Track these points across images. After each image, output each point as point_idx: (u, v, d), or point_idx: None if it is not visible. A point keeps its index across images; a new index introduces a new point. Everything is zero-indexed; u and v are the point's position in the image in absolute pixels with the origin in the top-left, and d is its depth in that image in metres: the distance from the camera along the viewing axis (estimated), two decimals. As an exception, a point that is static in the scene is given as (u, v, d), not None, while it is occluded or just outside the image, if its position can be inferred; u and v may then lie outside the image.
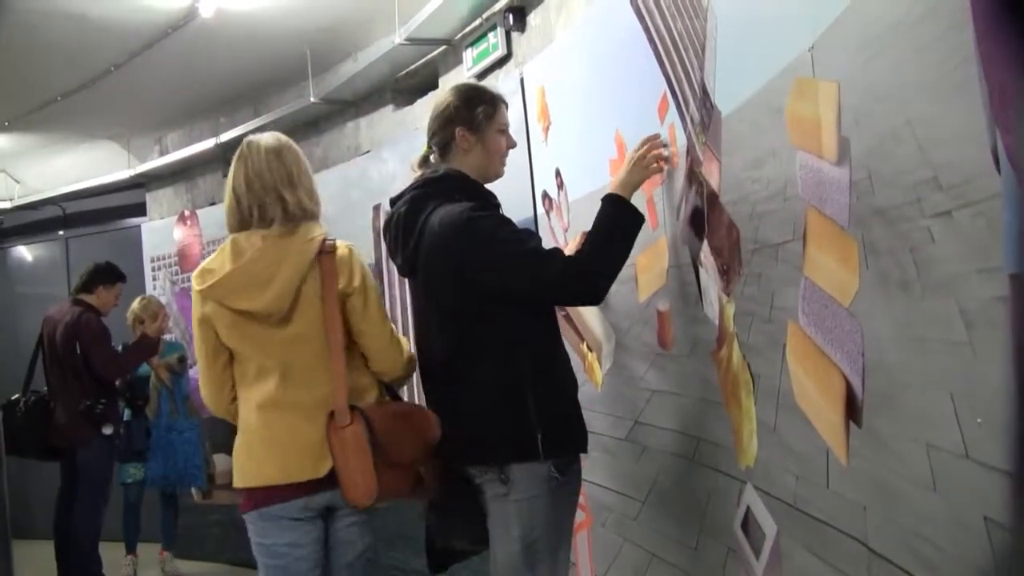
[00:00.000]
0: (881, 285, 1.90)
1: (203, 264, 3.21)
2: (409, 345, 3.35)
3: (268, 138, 3.32)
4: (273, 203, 3.14)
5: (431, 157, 3.30)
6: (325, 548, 3.24)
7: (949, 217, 1.66)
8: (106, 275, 6.64)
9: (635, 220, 3.06)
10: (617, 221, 3.05)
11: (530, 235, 3.17)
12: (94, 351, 6.31)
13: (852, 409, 2.07)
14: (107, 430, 6.33)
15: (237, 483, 3.23)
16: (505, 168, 3.32)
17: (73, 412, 6.24)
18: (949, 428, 1.70)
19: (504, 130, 3.27)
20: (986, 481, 1.62)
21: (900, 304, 1.85)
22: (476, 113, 3.18)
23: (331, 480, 3.07)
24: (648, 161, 3.09)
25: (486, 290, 3.02)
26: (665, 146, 3.11)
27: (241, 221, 3.18)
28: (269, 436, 3.13)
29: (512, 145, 3.32)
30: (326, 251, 3.13)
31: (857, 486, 2.08)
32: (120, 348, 6.64)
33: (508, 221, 3.12)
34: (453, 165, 3.20)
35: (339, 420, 3.05)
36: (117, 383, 6.71)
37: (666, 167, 3.13)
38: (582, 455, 3.14)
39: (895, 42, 1.81)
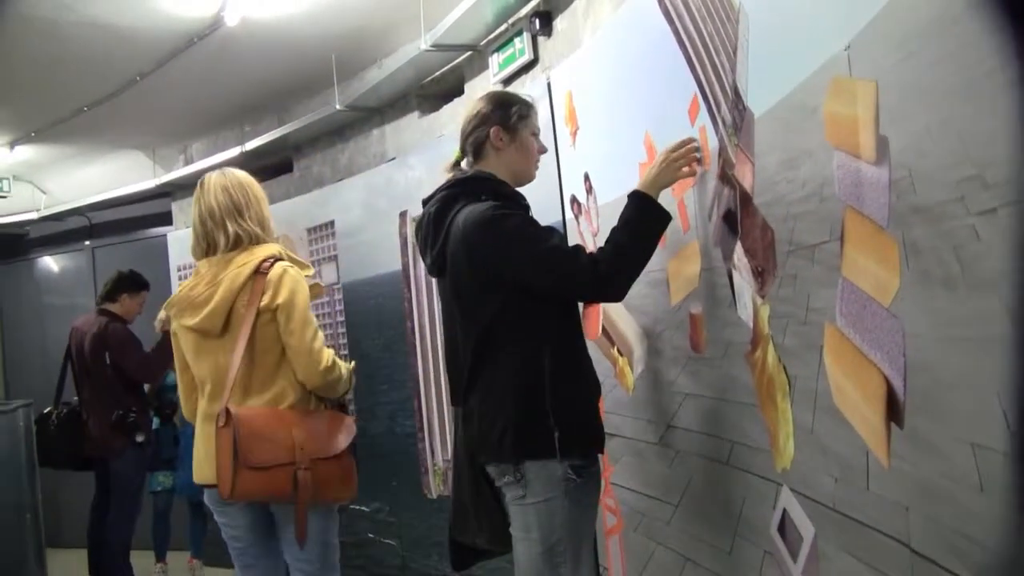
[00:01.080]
0: (923, 284, 1.89)
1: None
2: (331, 359, 3.63)
3: (218, 175, 3.77)
4: (220, 233, 3.64)
5: (463, 161, 3.33)
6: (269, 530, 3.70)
7: (994, 215, 1.64)
8: (130, 283, 6.66)
9: (661, 218, 3.10)
10: (643, 219, 3.08)
11: (553, 232, 3.17)
12: (126, 358, 6.34)
13: (893, 410, 2.05)
14: (140, 438, 6.35)
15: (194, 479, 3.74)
16: (537, 172, 3.36)
17: (105, 422, 6.27)
18: (995, 427, 1.68)
19: (536, 134, 3.32)
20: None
21: (943, 303, 1.83)
22: (511, 113, 3.25)
23: None
24: (681, 163, 3.09)
25: (509, 287, 3.05)
26: (699, 151, 3.10)
27: (202, 250, 3.70)
28: (197, 445, 3.67)
29: (543, 150, 3.38)
30: (261, 271, 3.55)
31: (899, 487, 2.06)
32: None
33: (533, 220, 3.15)
34: (485, 167, 3.24)
35: (219, 422, 3.43)
36: (146, 388, 6.74)
37: (699, 170, 3.12)
38: (607, 459, 3.15)
39: (934, 39, 1.79)
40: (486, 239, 3.04)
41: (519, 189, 3.27)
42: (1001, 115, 1.62)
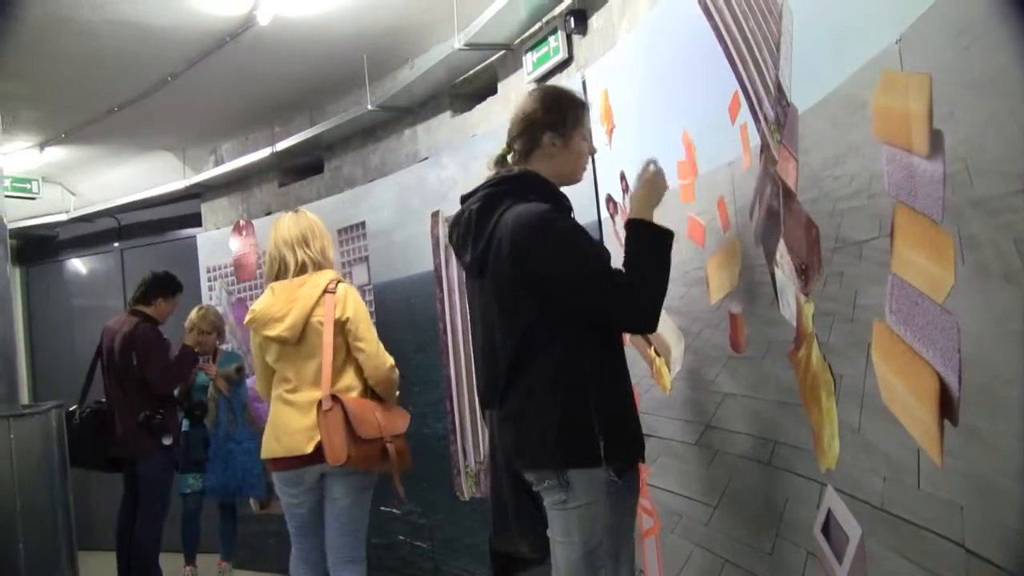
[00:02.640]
0: (981, 278, 1.86)
1: (252, 305, 4.57)
2: (392, 361, 4.54)
3: (290, 214, 4.69)
4: (291, 260, 4.51)
5: (508, 157, 3.29)
6: (322, 508, 4.50)
7: (1058, 206, 1.62)
8: (166, 286, 6.65)
9: (663, 238, 3.05)
10: (644, 245, 3.04)
11: (603, 249, 3.15)
12: (149, 362, 6.32)
13: (946, 407, 2.02)
14: (167, 440, 6.35)
15: (262, 455, 4.59)
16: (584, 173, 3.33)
17: (132, 423, 6.27)
18: (1058, 423, 1.66)
19: (587, 136, 3.28)
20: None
21: (1003, 297, 1.80)
22: (567, 119, 3.20)
23: (319, 455, 4.27)
24: (658, 181, 3.14)
25: (548, 292, 3.00)
26: (656, 162, 3.18)
27: (274, 274, 4.56)
28: (276, 423, 4.47)
29: (593, 151, 3.35)
30: (328, 291, 4.42)
31: (952, 485, 2.03)
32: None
33: (583, 229, 3.11)
34: (533, 166, 3.19)
35: (324, 406, 4.29)
36: (175, 392, 6.74)
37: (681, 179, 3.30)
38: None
39: (993, 30, 1.77)
40: (537, 239, 2.99)
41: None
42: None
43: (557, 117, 3.19)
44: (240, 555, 7.48)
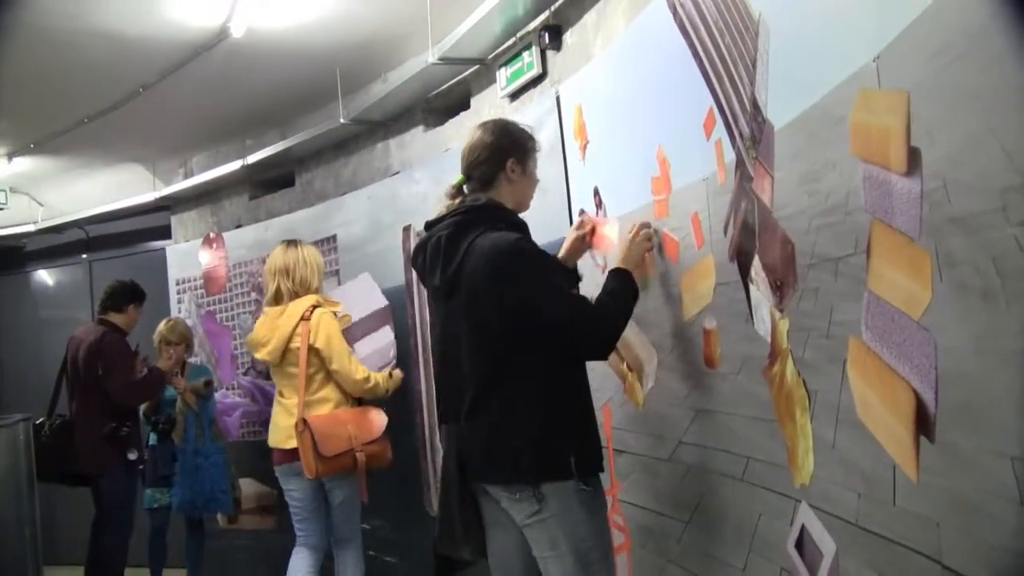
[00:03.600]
0: (959, 296, 1.87)
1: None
2: (366, 373, 5.22)
3: (280, 246, 5.41)
4: (278, 287, 5.27)
5: (464, 187, 3.47)
6: (317, 497, 5.25)
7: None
8: (134, 294, 6.61)
9: (635, 294, 3.41)
10: (624, 289, 3.36)
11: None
12: (113, 374, 6.24)
13: (923, 424, 2.03)
14: (131, 455, 6.30)
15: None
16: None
17: (94, 436, 6.19)
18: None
19: (536, 166, 3.52)
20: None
21: (981, 314, 1.81)
22: (527, 147, 3.45)
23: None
24: (643, 244, 3.51)
25: (521, 312, 3.16)
26: (650, 227, 3.54)
27: (271, 299, 5.31)
28: (272, 419, 5.34)
29: (537, 181, 3.58)
30: (304, 319, 5.11)
31: (929, 502, 2.04)
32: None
33: (550, 255, 3.43)
34: (493, 196, 3.39)
35: (298, 428, 4.97)
36: (142, 409, 6.70)
37: (655, 243, 3.56)
38: (615, 475, 3.24)
39: (973, 48, 1.78)
40: (512, 264, 3.19)
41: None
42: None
43: (518, 146, 3.42)
44: (207, 570, 7.42)
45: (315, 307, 5.18)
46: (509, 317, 3.17)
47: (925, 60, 1.94)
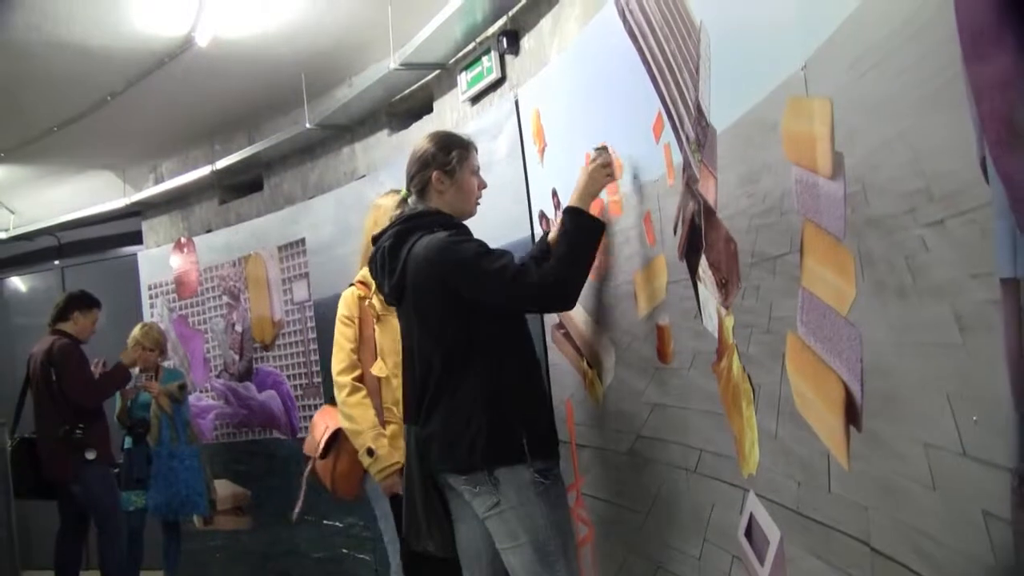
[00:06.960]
0: (878, 293, 1.97)
1: None
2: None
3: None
4: None
5: (409, 199, 3.58)
6: None
7: (942, 226, 1.72)
8: (81, 301, 6.68)
9: (595, 227, 3.41)
10: (578, 229, 3.37)
11: (505, 253, 3.37)
12: (67, 374, 6.32)
13: (852, 414, 2.12)
14: (90, 455, 6.33)
15: None
16: (478, 207, 3.64)
17: (53, 441, 6.28)
18: (947, 427, 1.76)
19: (476, 172, 3.58)
20: (984, 477, 1.68)
21: (896, 310, 1.90)
22: (451, 157, 3.50)
23: None
24: (602, 171, 3.44)
25: (470, 306, 3.29)
26: (607, 150, 3.48)
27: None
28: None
29: (483, 186, 3.63)
30: None
31: (859, 488, 2.13)
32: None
33: (484, 244, 3.39)
34: (431, 204, 3.49)
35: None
36: (116, 414, 6.76)
37: (616, 173, 3.45)
38: (578, 470, 3.27)
39: (888, 57, 1.86)
40: (446, 259, 3.30)
41: (487, 209, 3.64)
42: (950, 129, 1.69)
43: (443, 157, 3.49)
44: (184, 572, 7.46)
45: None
46: (456, 311, 3.32)
47: (846, 68, 2.02)
